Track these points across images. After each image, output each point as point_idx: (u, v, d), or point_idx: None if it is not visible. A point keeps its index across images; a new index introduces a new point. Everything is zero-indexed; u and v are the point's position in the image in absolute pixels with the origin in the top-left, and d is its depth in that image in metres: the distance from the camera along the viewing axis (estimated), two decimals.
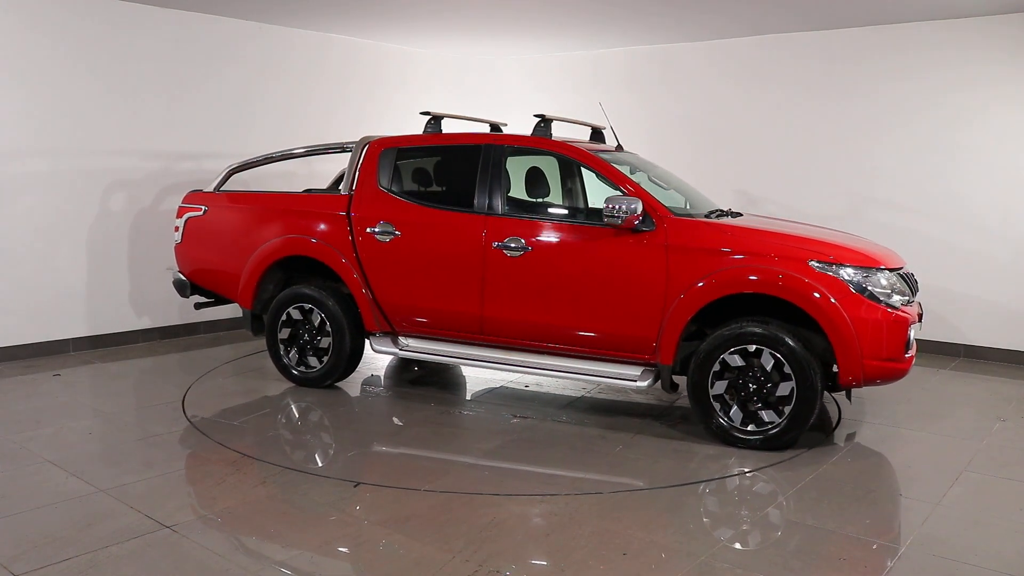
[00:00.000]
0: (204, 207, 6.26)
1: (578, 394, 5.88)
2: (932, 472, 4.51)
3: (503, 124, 6.34)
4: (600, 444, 4.84)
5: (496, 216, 5.27)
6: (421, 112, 5.95)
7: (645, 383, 4.92)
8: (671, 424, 5.21)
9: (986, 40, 6.83)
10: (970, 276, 7.06)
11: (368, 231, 5.60)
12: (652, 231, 4.84)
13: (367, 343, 5.87)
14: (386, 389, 6.10)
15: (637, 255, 4.87)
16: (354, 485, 4.17)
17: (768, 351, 4.59)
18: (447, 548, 3.49)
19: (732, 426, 4.72)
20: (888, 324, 4.54)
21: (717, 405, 4.75)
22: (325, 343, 5.81)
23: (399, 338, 5.73)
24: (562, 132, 6.24)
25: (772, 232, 4.91)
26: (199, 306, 6.58)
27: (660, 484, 4.26)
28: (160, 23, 7.14)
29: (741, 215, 5.63)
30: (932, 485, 4.30)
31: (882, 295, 4.58)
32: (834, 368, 4.64)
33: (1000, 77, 6.81)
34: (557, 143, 5.33)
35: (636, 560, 3.42)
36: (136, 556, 3.39)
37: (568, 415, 5.39)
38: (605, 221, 4.85)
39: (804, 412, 4.57)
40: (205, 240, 6.25)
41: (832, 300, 4.49)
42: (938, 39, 7.04)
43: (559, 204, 5.93)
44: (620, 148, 5.90)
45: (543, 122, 5.43)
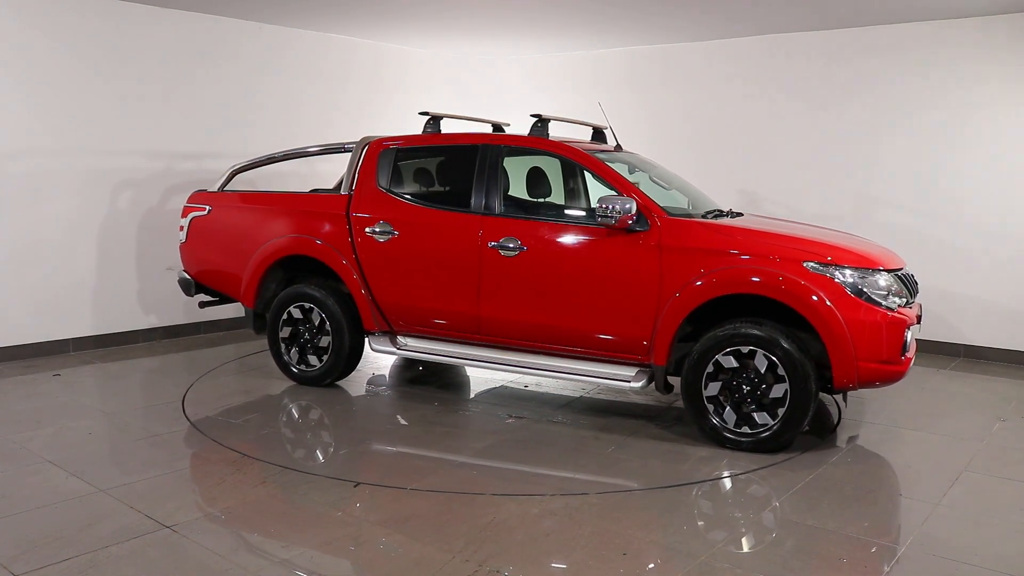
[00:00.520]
0: (208, 207, 6.30)
1: (577, 394, 5.88)
2: (932, 472, 4.51)
3: (506, 124, 6.34)
4: (593, 445, 4.83)
5: (492, 216, 5.27)
6: (420, 112, 5.95)
7: (639, 384, 4.91)
8: (666, 425, 5.19)
9: (986, 40, 6.83)
10: (970, 276, 7.06)
11: (367, 231, 5.61)
12: (646, 231, 4.82)
13: (367, 342, 5.89)
14: (388, 388, 6.11)
15: (631, 255, 4.85)
16: (354, 485, 4.17)
17: (762, 352, 4.55)
18: (447, 548, 3.49)
19: (725, 428, 4.69)
20: (884, 326, 4.48)
21: (711, 406, 4.72)
22: (325, 342, 5.84)
23: (398, 337, 5.74)
24: (564, 132, 6.25)
25: (767, 232, 4.87)
26: (203, 305, 6.61)
27: (652, 485, 4.25)
28: (159, 23, 7.13)
29: (742, 215, 5.63)
30: (932, 485, 4.30)
31: (878, 296, 4.52)
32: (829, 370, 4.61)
33: (1000, 77, 6.81)
34: (553, 143, 5.32)
35: (636, 560, 3.42)
36: (136, 556, 3.39)
37: (564, 415, 5.38)
38: (598, 221, 4.84)
39: (798, 414, 4.53)
40: (209, 239, 6.29)
41: (826, 301, 4.44)
42: (938, 39, 7.04)
43: (556, 204, 5.91)
44: (619, 148, 5.90)
45: (540, 122, 5.43)
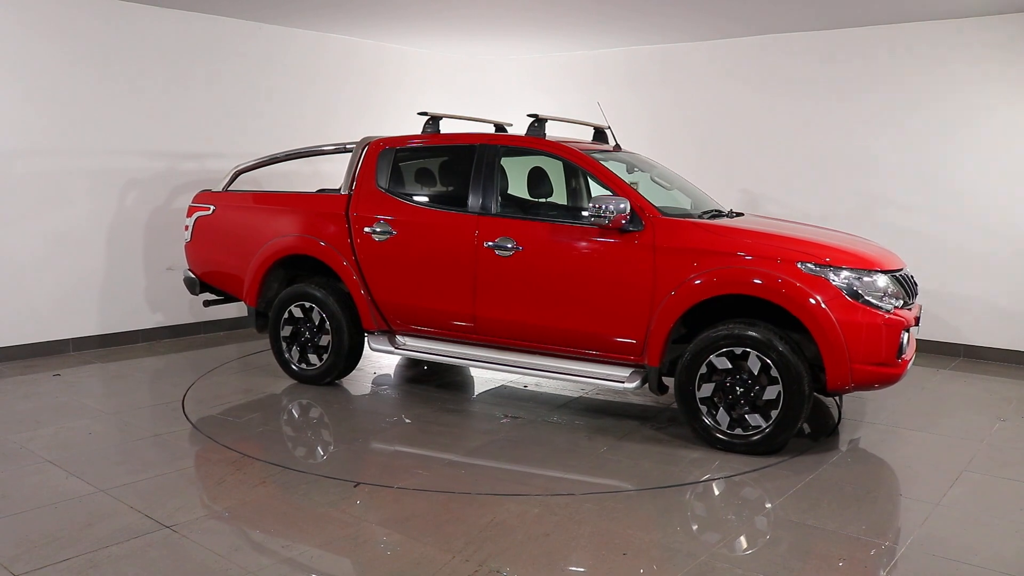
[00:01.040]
0: (212, 206, 6.35)
1: (576, 395, 5.88)
2: (932, 472, 4.51)
3: (508, 124, 6.34)
4: (585, 445, 4.81)
5: (488, 216, 5.27)
6: (419, 112, 5.97)
7: (633, 385, 4.89)
8: (661, 426, 5.17)
9: (987, 40, 6.82)
10: (970, 276, 7.06)
11: (366, 231, 5.63)
12: (640, 231, 4.80)
13: (366, 341, 5.90)
14: (390, 387, 6.11)
15: (624, 255, 4.83)
16: (354, 485, 4.17)
17: (755, 354, 4.51)
18: (447, 548, 3.49)
19: (719, 429, 4.65)
20: (879, 328, 4.41)
21: (704, 408, 4.68)
22: (325, 341, 5.87)
23: (396, 337, 5.76)
24: (566, 132, 6.26)
25: (762, 233, 4.83)
26: (208, 304, 6.66)
27: (645, 486, 4.25)
28: (159, 23, 7.13)
29: (742, 215, 5.62)
30: (932, 485, 4.30)
31: (874, 298, 4.47)
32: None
33: (1001, 77, 6.80)
34: (549, 143, 5.31)
35: (636, 560, 3.42)
36: (136, 556, 3.39)
37: (560, 415, 5.38)
38: (591, 221, 4.82)
39: (791, 417, 4.48)
40: (213, 239, 6.35)
41: (820, 302, 4.39)
42: (938, 39, 7.04)
43: (555, 204, 5.90)
44: (618, 148, 5.89)
45: (537, 122, 5.43)
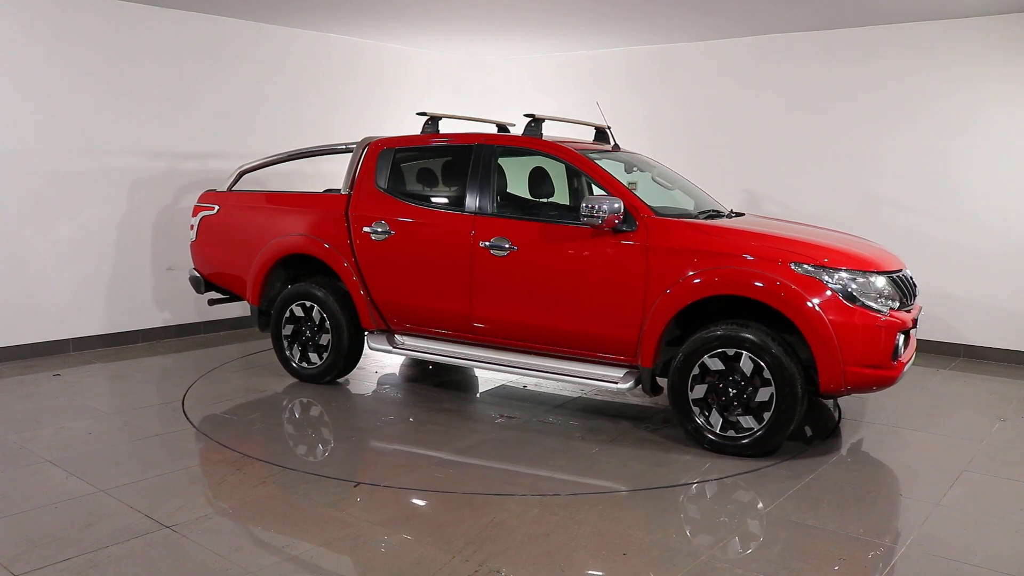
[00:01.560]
0: (217, 206, 6.41)
1: (575, 395, 5.88)
2: (932, 472, 4.51)
3: (511, 124, 6.34)
4: (578, 446, 4.81)
5: (484, 216, 5.28)
6: (418, 113, 5.98)
7: (626, 385, 4.87)
8: (655, 428, 5.15)
9: (987, 40, 6.82)
10: (970, 276, 7.06)
11: (364, 230, 5.65)
12: (633, 231, 4.78)
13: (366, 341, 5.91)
14: (392, 386, 6.12)
15: (618, 255, 4.81)
16: (354, 485, 4.17)
17: (748, 355, 4.48)
18: (447, 548, 3.49)
19: (711, 431, 4.62)
20: (873, 330, 4.36)
21: (696, 409, 4.66)
22: (325, 340, 5.91)
23: (395, 336, 5.77)
24: (568, 133, 6.27)
25: (755, 233, 4.80)
26: (213, 302, 6.71)
27: (637, 487, 4.25)
28: (160, 23, 7.13)
29: (743, 215, 5.62)
30: (932, 485, 4.30)
31: (868, 299, 4.41)
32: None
33: (1002, 78, 6.80)
34: (545, 143, 5.30)
35: (636, 560, 3.42)
36: (136, 556, 3.39)
37: (556, 416, 5.38)
38: (583, 221, 4.80)
39: (784, 419, 4.43)
40: (217, 238, 6.41)
41: (812, 303, 4.34)
42: (938, 40, 7.04)
43: (552, 204, 5.87)
44: (616, 148, 5.87)
45: (533, 122, 5.43)
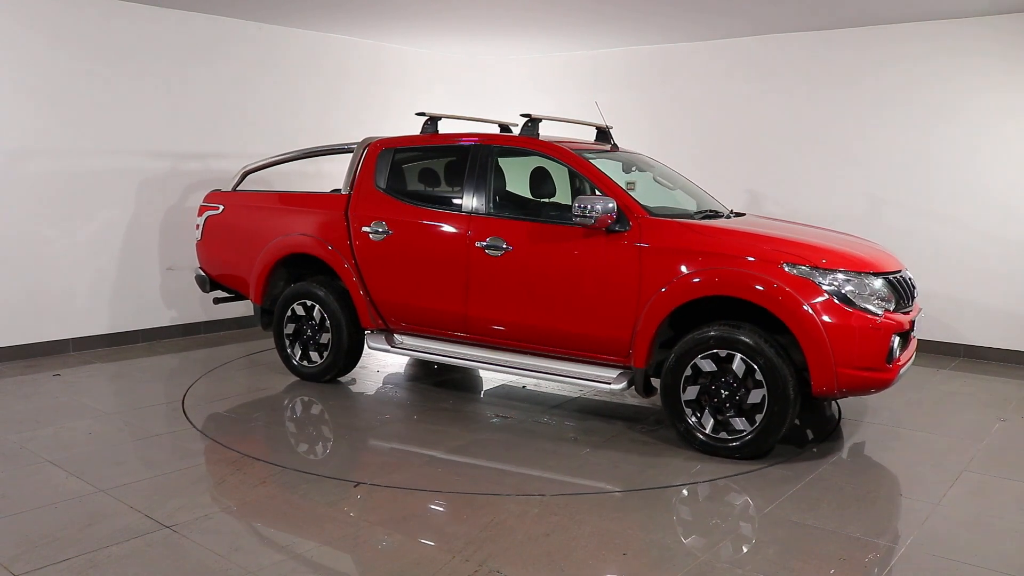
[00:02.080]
0: (221, 206, 6.46)
1: (574, 395, 5.87)
2: (932, 472, 4.50)
3: (513, 124, 6.34)
4: (569, 446, 4.80)
5: (480, 216, 5.28)
6: (417, 113, 5.99)
7: (620, 386, 4.86)
8: (649, 429, 5.14)
9: (989, 41, 6.82)
10: (970, 276, 7.06)
11: (364, 230, 5.67)
12: (627, 231, 4.76)
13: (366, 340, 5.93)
14: (393, 386, 6.13)
15: (611, 256, 4.79)
16: (354, 484, 4.17)
17: (740, 356, 4.44)
18: (447, 548, 3.49)
19: (703, 433, 4.58)
20: (867, 331, 4.30)
21: (689, 411, 4.62)
22: (325, 339, 5.94)
23: (394, 336, 5.78)
24: (569, 133, 6.27)
25: (749, 234, 4.76)
26: (218, 301, 6.75)
27: (630, 487, 4.25)
28: (159, 22, 7.13)
29: (744, 215, 5.61)
30: (932, 485, 4.30)
31: (862, 301, 4.36)
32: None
33: (1002, 79, 6.79)
34: (540, 142, 5.30)
35: (636, 560, 3.42)
36: (136, 556, 3.39)
37: (552, 416, 5.38)
38: (575, 221, 4.79)
39: (776, 421, 4.38)
40: (222, 238, 6.46)
41: (804, 305, 4.29)
42: (940, 40, 7.03)
43: (550, 204, 5.84)
44: (615, 148, 5.86)
45: (530, 122, 5.42)
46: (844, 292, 4.36)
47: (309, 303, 5.95)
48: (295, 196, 6.31)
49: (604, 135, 6.04)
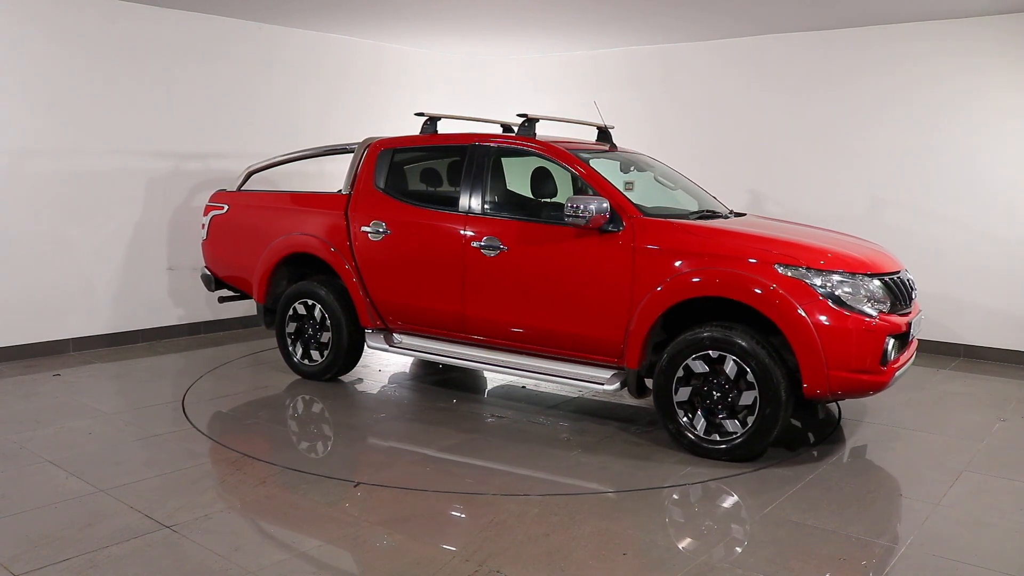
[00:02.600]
0: (226, 205, 6.52)
1: (574, 395, 5.87)
2: (932, 472, 4.50)
3: (515, 125, 6.33)
4: (561, 446, 4.79)
5: (476, 216, 5.29)
6: (416, 113, 5.99)
7: (613, 387, 4.84)
8: (644, 430, 5.12)
9: (990, 42, 6.81)
10: (970, 276, 7.06)
11: (363, 230, 5.69)
12: (620, 231, 4.74)
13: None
14: (393, 385, 6.13)
15: (604, 256, 4.77)
16: (354, 484, 4.17)
17: (731, 358, 4.40)
18: (447, 548, 3.49)
19: (695, 434, 4.54)
20: (860, 333, 4.24)
21: (681, 412, 4.58)
22: (326, 338, 5.97)
23: (393, 335, 5.79)
24: (570, 133, 6.26)
25: (742, 234, 4.72)
26: (223, 300, 6.80)
27: (623, 487, 4.25)
28: (159, 22, 7.13)
29: (744, 216, 5.60)
30: (932, 485, 4.30)
31: (855, 302, 4.30)
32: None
33: (1003, 80, 6.79)
34: (536, 142, 5.28)
35: (636, 560, 3.42)
36: (136, 556, 3.39)
37: (547, 416, 5.37)
38: (567, 221, 4.76)
39: (767, 423, 4.34)
40: (227, 237, 6.52)
41: (796, 306, 4.24)
42: (941, 40, 7.03)
43: (548, 205, 5.81)
44: (613, 148, 5.85)
45: (527, 122, 5.42)
46: (837, 293, 4.30)
47: (310, 302, 5.99)
48: (297, 196, 6.34)
49: (605, 135, 6.04)
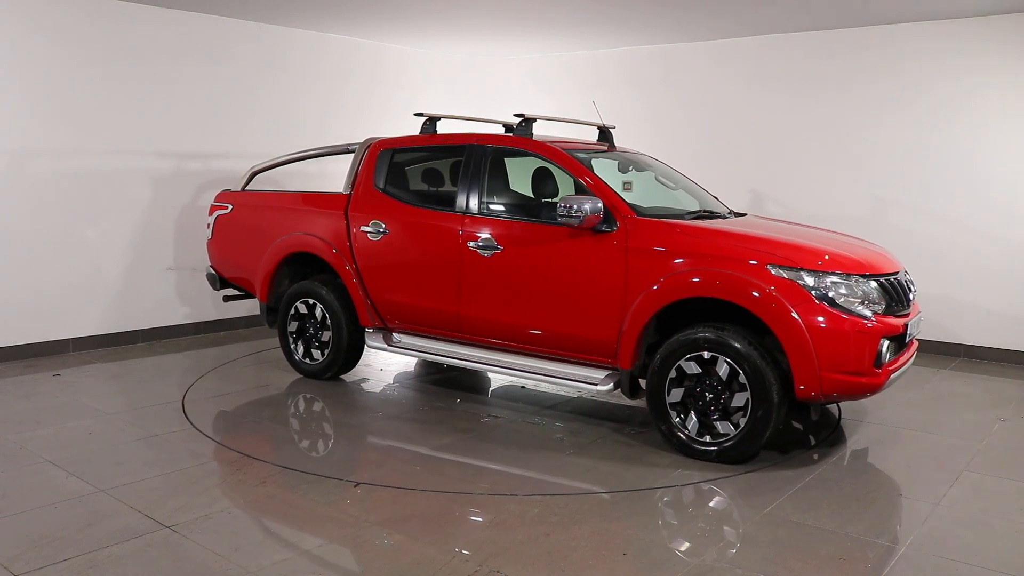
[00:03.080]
0: (230, 205, 6.56)
1: (573, 395, 5.87)
2: (932, 472, 4.50)
3: (515, 125, 6.33)
4: (555, 446, 4.78)
5: (473, 216, 5.29)
6: (415, 113, 6.00)
7: (606, 387, 4.83)
8: (639, 431, 5.11)
9: (990, 42, 6.81)
10: (970, 277, 7.06)
11: (362, 229, 5.71)
12: (613, 231, 4.72)
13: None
14: (394, 384, 6.13)
15: (597, 256, 4.76)
16: (354, 485, 4.17)
17: (724, 359, 4.36)
18: (447, 548, 3.49)
19: (686, 434, 4.52)
20: (853, 335, 4.19)
21: (673, 413, 4.55)
22: (327, 337, 6.00)
23: (391, 334, 5.80)
24: (571, 133, 6.26)
25: (737, 234, 4.68)
26: (228, 299, 6.83)
27: (614, 488, 4.25)
28: (159, 22, 7.13)
29: (744, 216, 5.60)
30: (932, 485, 4.30)
31: (849, 303, 4.26)
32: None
33: (1004, 80, 6.79)
34: (532, 142, 5.28)
35: (636, 560, 3.42)
36: (136, 556, 3.39)
37: (543, 416, 5.37)
38: (559, 221, 4.75)
39: (759, 425, 4.30)
40: (231, 237, 6.56)
41: (788, 307, 4.20)
42: (942, 40, 7.03)
43: (546, 205, 5.74)
44: (612, 147, 5.84)
45: (524, 122, 5.42)
46: (831, 294, 4.27)
47: (311, 301, 6.02)
48: (300, 196, 6.36)
49: (605, 135, 6.03)
